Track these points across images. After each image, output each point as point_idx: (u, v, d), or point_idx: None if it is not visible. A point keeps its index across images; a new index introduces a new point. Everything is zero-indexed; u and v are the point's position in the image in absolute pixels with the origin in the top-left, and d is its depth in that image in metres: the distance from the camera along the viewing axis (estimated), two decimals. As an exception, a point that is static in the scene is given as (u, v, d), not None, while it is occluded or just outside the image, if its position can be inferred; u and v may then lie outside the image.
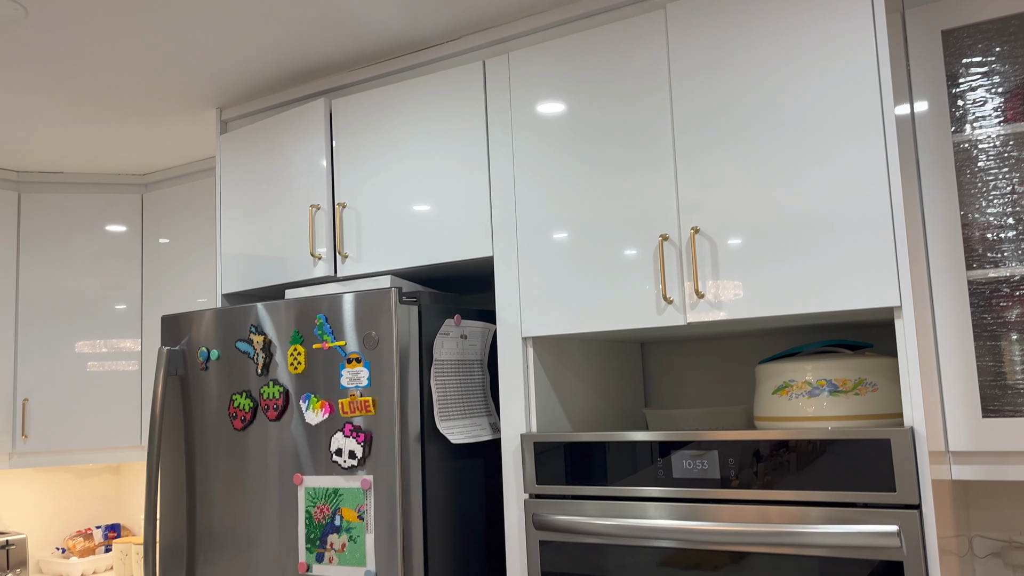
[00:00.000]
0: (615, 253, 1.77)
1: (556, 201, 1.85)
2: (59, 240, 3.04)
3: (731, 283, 1.64)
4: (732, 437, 1.59)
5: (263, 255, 2.30)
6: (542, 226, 1.87)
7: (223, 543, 1.97)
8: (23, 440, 2.92)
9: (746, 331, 2.00)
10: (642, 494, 1.67)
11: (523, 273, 1.88)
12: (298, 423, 1.88)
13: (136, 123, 2.59)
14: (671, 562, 1.61)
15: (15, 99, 2.35)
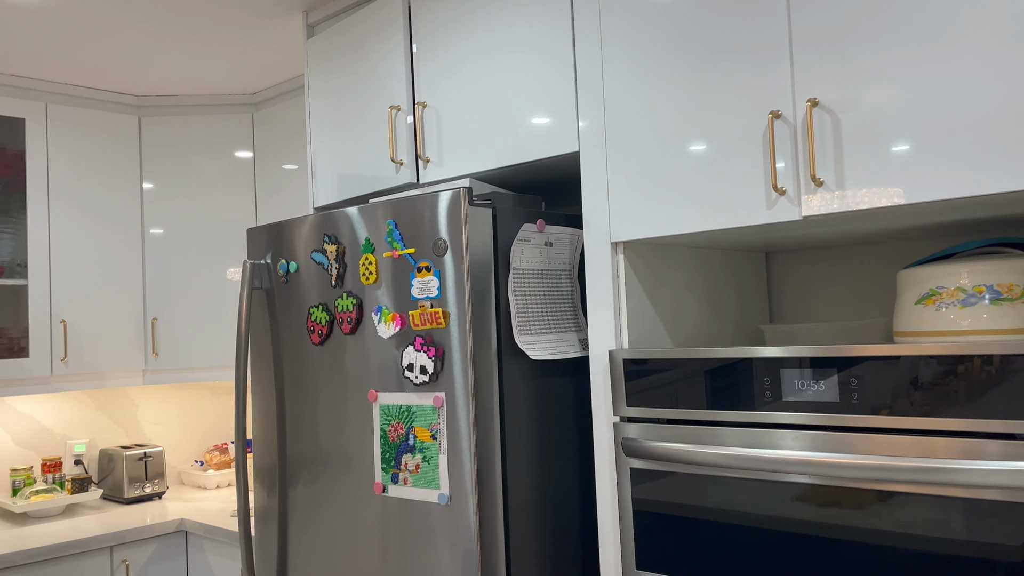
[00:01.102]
0: (715, 140, 1.49)
1: (648, 85, 1.58)
2: (178, 162, 3.09)
3: (855, 166, 1.33)
4: (868, 353, 1.30)
5: (349, 164, 2.19)
6: (632, 114, 1.61)
7: (310, 463, 1.92)
8: (154, 358, 3.04)
9: (887, 232, 1.66)
10: (756, 419, 1.42)
11: (612, 169, 1.64)
12: (372, 337, 1.77)
13: (233, 36, 2.53)
14: (803, 498, 1.35)
15: (129, 23, 2.33)
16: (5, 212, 2.80)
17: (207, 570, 2.69)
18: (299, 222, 1.94)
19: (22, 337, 2.81)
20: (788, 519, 1.37)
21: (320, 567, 1.88)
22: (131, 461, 3.02)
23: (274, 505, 2.02)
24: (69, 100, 2.91)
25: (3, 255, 2.80)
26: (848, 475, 1.27)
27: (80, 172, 2.91)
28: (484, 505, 1.60)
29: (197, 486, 3.29)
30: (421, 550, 1.67)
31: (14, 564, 2.38)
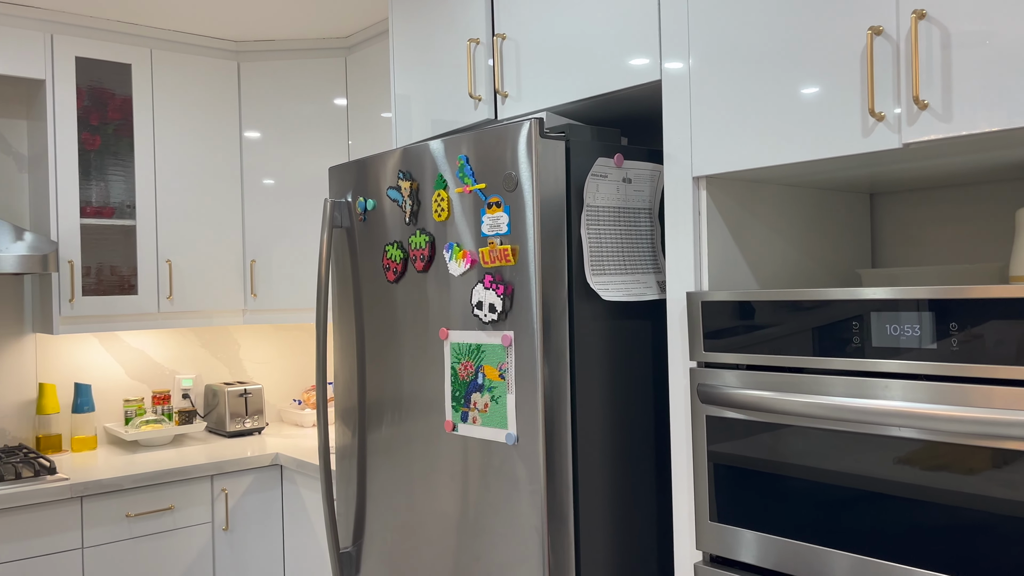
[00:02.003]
0: (807, 62, 1.36)
1: (735, 5, 1.46)
2: (274, 107, 3.14)
3: (965, 85, 1.17)
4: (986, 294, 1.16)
5: (431, 104, 2.15)
6: (718, 39, 1.49)
7: (388, 402, 1.93)
8: (252, 298, 3.14)
9: (1004, 168, 1.48)
10: (850, 367, 1.31)
11: (695, 99, 1.53)
12: (443, 274, 1.74)
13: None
14: (900, 453, 1.24)
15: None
16: (115, 155, 2.93)
17: (299, 502, 2.79)
18: (377, 159, 1.92)
19: (132, 275, 2.96)
20: (882, 479, 1.26)
21: (396, 504, 1.90)
22: (233, 397, 3.15)
23: (354, 444, 2.05)
24: (172, 46, 2.99)
25: (115, 197, 2.94)
26: (961, 429, 1.15)
27: (183, 117, 3.01)
28: (552, 447, 1.56)
29: (294, 423, 3.41)
30: (492, 489, 1.65)
31: (123, 487, 2.53)
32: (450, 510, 1.76)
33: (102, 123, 2.89)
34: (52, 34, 2.74)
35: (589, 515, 1.61)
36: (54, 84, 2.74)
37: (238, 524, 2.78)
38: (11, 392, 2.92)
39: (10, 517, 2.36)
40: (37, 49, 2.71)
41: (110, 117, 2.91)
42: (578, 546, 1.59)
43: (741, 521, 1.45)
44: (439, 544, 1.78)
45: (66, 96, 2.76)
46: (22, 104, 2.97)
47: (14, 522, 2.37)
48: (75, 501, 2.47)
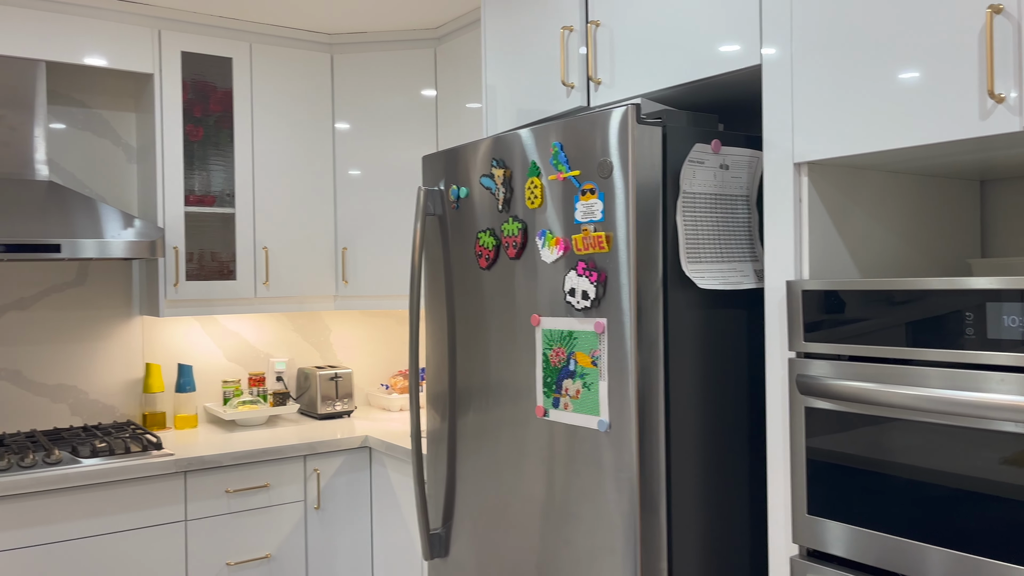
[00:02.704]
0: (920, 43, 1.30)
1: (843, -19, 1.41)
2: (365, 98, 3.21)
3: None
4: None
5: (522, 92, 2.16)
6: (821, 19, 1.45)
7: (478, 387, 1.95)
8: (344, 285, 3.23)
9: None
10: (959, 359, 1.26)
11: (797, 83, 1.49)
12: (536, 261, 1.75)
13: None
14: (1018, 457, 1.19)
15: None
16: (216, 146, 3.05)
17: (387, 484, 2.86)
18: (470, 148, 1.94)
19: (231, 261, 3.08)
20: (987, 478, 1.21)
21: (485, 488, 1.93)
22: (324, 380, 3.25)
23: (445, 428, 2.09)
24: (270, 40, 3.09)
25: (215, 185, 3.06)
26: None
27: (279, 109, 3.10)
28: (645, 434, 1.55)
29: (381, 407, 3.49)
30: (581, 475, 1.66)
31: (223, 464, 2.65)
32: (538, 495, 1.77)
33: (204, 115, 3.01)
34: (160, 30, 2.87)
35: (681, 505, 1.60)
36: (161, 78, 2.87)
37: (329, 503, 2.87)
38: (120, 371, 3.09)
39: (119, 489, 2.50)
40: (146, 45, 2.84)
41: (212, 109, 3.03)
42: (670, 536, 1.58)
43: (838, 515, 1.42)
44: (527, 528, 1.80)
45: (172, 89, 2.88)
46: (131, 97, 3.12)
47: (123, 494, 2.50)
48: (179, 476, 2.60)
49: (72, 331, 2.99)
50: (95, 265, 3.04)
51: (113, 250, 2.57)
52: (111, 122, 3.08)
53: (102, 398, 3.05)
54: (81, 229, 2.54)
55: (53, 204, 2.59)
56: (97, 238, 2.54)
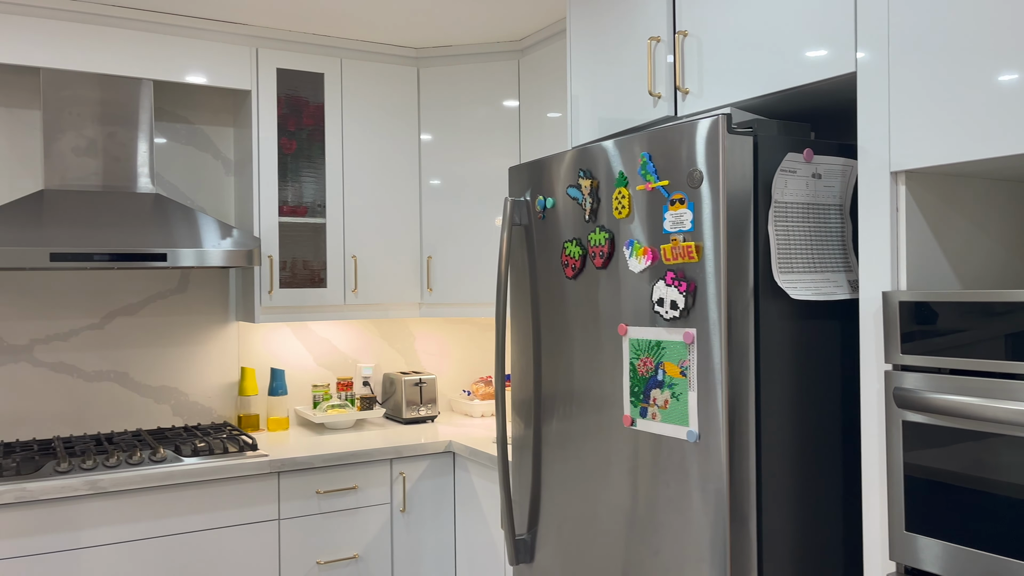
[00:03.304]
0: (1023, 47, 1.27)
1: (944, -15, 1.38)
2: (450, 111, 3.28)
3: None
4: None
5: (608, 103, 2.17)
6: (920, 25, 1.42)
7: (563, 395, 1.98)
8: (429, 293, 3.30)
9: None
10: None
11: (894, 90, 1.46)
12: (623, 271, 1.76)
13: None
14: None
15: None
16: (308, 159, 3.17)
17: (471, 488, 2.90)
18: (556, 159, 1.97)
19: (321, 269, 3.19)
20: (1101, 492, 1.16)
21: (571, 495, 1.95)
22: (409, 386, 3.33)
23: (530, 435, 2.12)
24: (360, 55, 3.19)
25: (307, 196, 3.18)
26: None
27: (368, 121, 3.20)
28: (735, 445, 1.54)
29: (464, 413, 3.55)
30: (669, 485, 1.66)
31: (314, 466, 2.74)
32: (625, 504, 1.78)
33: (298, 129, 3.14)
34: (257, 48, 3.00)
35: (772, 517, 1.58)
36: (258, 94, 3.00)
37: (414, 506, 2.93)
38: (217, 375, 3.23)
39: (217, 487, 2.61)
40: (244, 62, 2.98)
41: (304, 123, 3.15)
42: (760, 548, 1.57)
43: (937, 532, 1.38)
44: (613, 536, 1.81)
45: (268, 105, 3.01)
46: (230, 113, 3.27)
47: (220, 492, 2.62)
48: (273, 476, 2.70)
49: (174, 336, 3.15)
50: (196, 273, 3.19)
51: (213, 259, 2.70)
52: (211, 136, 3.23)
53: (201, 400, 3.20)
54: (184, 239, 2.68)
55: (159, 215, 2.73)
56: (199, 248, 2.67)
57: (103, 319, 3.03)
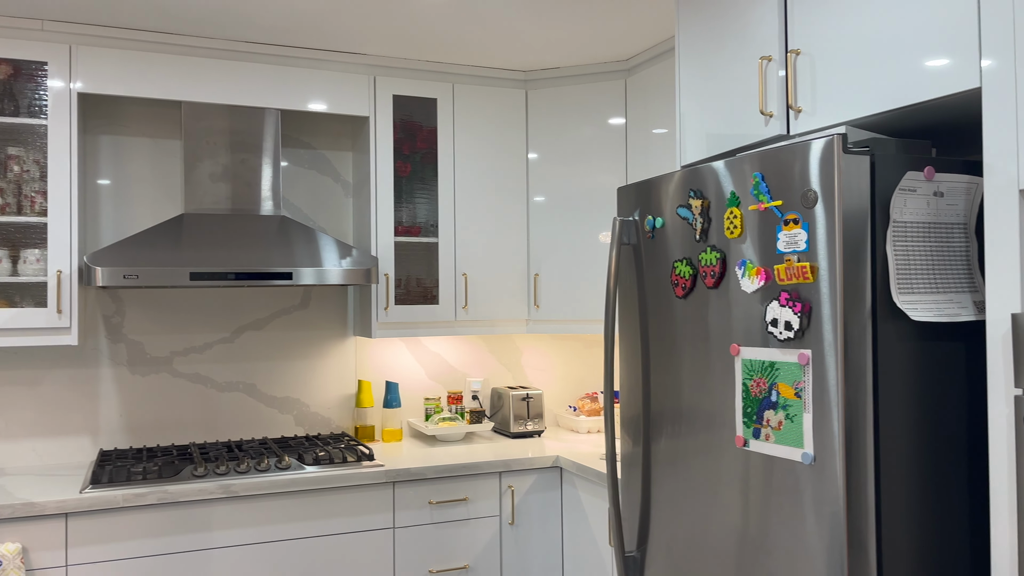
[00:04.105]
0: None
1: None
2: (556, 131, 3.34)
3: None
4: None
5: (717, 121, 2.18)
6: (1053, 35, 1.37)
7: (672, 414, 1.99)
8: (536, 309, 3.36)
9: None
10: None
11: (1022, 101, 1.42)
12: (735, 291, 1.76)
13: (608, 4, 2.65)
14: None
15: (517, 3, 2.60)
16: (422, 180, 3.30)
17: (578, 504, 2.93)
18: (665, 179, 1.99)
19: (434, 287, 3.30)
20: None
21: (680, 514, 1.95)
22: (516, 400, 3.39)
23: (638, 453, 2.13)
24: (471, 79, 3.30)
25: (420, 217, 3.31)
26: None
27: (477, 143, 3.30)
28: (852, 469, 1.52)
29: (570, 429, 3.58)
30: (782, 507, 1.65)
31: (427, 477, 2.83)
32: (736, 524, 1.77)
33: (412, 152, 3.27)
34: (375, 76, 3.15)
35: (892, 544, 1.54)
36: (376, 120, 3.15)
37: (522, 519, 2.99)
38: (336, 387, 3.39)
39: (335, 495, 2.74)
40: (363, 90, 3.13)
41: (418, 147, 3.28)
42: (880, 574, 1.53)
43: (1076, 568, 1.31)
44: (724, 557, 1.80)
45: (384, 130, 3.15)
46: (348, 138, 3.44)
47: (338, 499, 2.75)
48: (388, 486, 2.81)
49: (297, 349, 3.33)
50: (317, 290, 3.37)
51: (335, 278, 2.84)
52: (331, 161, 3.41)
53: (321, 411, 3.36)
54: (308, 259, 2.84)
55: (285, 236, 2.91)
56: (322, 267, 2.83)
57: (233, 333, 3.23)
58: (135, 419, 3.09)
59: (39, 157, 2.75)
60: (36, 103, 2.74)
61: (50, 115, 2.70)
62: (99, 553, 2.47)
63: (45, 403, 2.97)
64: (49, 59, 2.71)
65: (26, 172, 2.74)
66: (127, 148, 3.11)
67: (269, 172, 3.01)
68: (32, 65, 2.73)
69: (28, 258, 2.70)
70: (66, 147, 2.72)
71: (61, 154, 2.71)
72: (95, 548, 2.47)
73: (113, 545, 2.49)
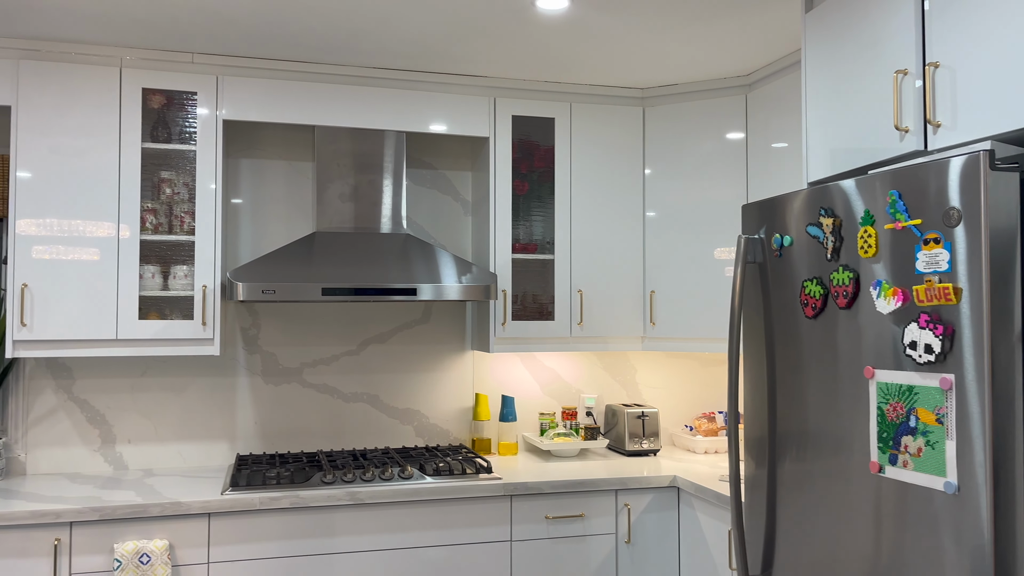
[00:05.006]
0: None
1: None
2: (674, 147, 3.33)
3: None
4: None
5: (846, 137, 2.13)
6: None
7: (799, 437, 1.94)
8: (651, 327, 3.35)
9: None
10: None
11: None
12: (869, 311, 1.71)
13: (730, 19, 2.64)
14: None
15: (636, 21, 2.62)
16: (538, 198, 3.35)
17: (696, 526, 2.89)
18: (793, 196, 1.96)
19: (549, 303, 3.34)
20: None
21: (807, 539, 1.90)
22: (631, 418, 3.38)
23: (763, 475, 2.09)
24: (587, 98, 3.34)
25: (536, 234, 3.36)
26: None
27: (595, 161, 3.33)
28: (1000, 500, 1.45)
29: (686, 448, 3.54)
30: (920, 537, 1.58)
31: (543, 491, 2.87)
32: (868, 552, 1.71)
33: (529, 171, 3.33)
34: (495, 98, 3.23)
35: (1045, 581, 1.46)
36: (495, 140, 3.23)
37: (639, 538, 2.97)
38: (453, 399, 3.47)
39: (454, 506, 2.81)
40: (483, 112, 3.22)
41: (536, 165, 3.34)
42: (1031, 614, 1.45)
43: None
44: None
45: (503, 150, 3.23)
46: (468, 158, 3.54)
47: (457, 510, 2.81)
48: (505, 499, 2.86)
49: (418, 362, 3.43)
50: (437, 305, 3.47)
51: (457, 294, 2.92)
52: (452, 180, 3.52)
53: (440, 423, 3.46)
54: (431, 275, 2.93)
55: (409, 254, 3.02)
56: (444, 283, 2.92)
57: (359, 346, 3.37)
58: (268, 426, 3.26)
59: (188, 180, 2.97)
60: (186, 130, 2.96)
61: (199, 141, 2.91)
62: (236, 552, 2.63)
63: (189, 409, 3.19)
64: (198, 89, 2.92)
65: (176, 194, 2.96)
66: (263, 170, 3.30)
67: (394, 192, 3.14)
68: (183, 95, 2.95)
69: (177, 274, 2.91)
70: (212, 170, 2.92)
71: (207, 177, 2.91)
72: (233, 547, 2.63)
73: (249, 545, 2.64)
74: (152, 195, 2.97)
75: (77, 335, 2.78)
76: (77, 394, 3.09)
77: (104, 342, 2.81)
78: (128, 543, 2.52)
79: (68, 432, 3.07)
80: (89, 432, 3.09)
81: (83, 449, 3.08)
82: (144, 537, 2.56)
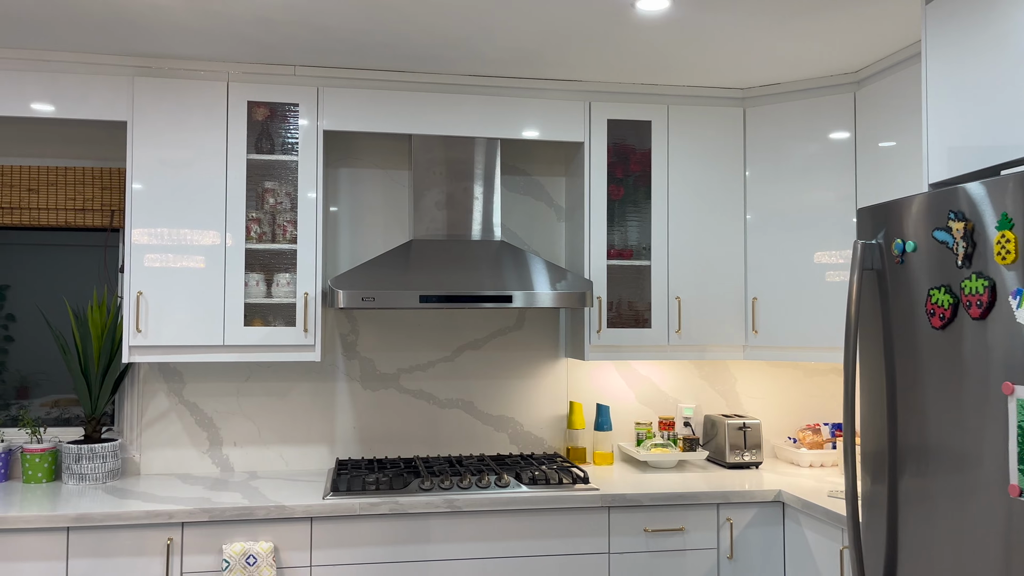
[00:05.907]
0: None
1: None
2: (776, 148, 3.21)
3: None
4: None
5: (974, 135, 1.99)
6: None
7: (921, 454, 1.82)
8: (754, 335, 3.23)
9: None
10: None
11: None
12: (1007, 322, 1.59)
13: (838, 14, 2.52)
14: None
15: (738, 18, 2.54)
16: (634, 203, 3.29)
17: (803, 543, 2.77)
18: (915, 199, 1.85)
19: (645, 310, 3.27)
20: None
21: (932, 564, 1.78)
22: (732, 429, 3.27)
23: (881, 493, 1.98)
24: (685, 100, 3.26)
25: (632, 240, 3.29)
26: None
27: (693, 164, 3.24)
28: None
29: (789, 461, 3.40)
30: (1070, 570, 1.46)
31: (642, 504, 2.80)
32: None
33: (624, 175, 3.27)
34: (590, 102, 3.19)
35: None
36: (590, 145, 3.18)
37: (741, 554, 2.87)
38: (547, 407, 3.44)
39: (551, 516, 2.77)
40: (578, 116, 3.18)
41: (632, 170, 3.27)
42: None
43: None
44: (994, 618, 1.62)
45: (598, 154, 3.18)
46: (561, 164, 3.50)
47: (553, 520, 2.77)
48: (603, 510, 2.80)
49: (512, 369, 3.42)
50: (531, 312, 3.45)
51: (552, 301, 2.89)
52: (545, 186, 3.49)
53: (534, 430, 3.43)
54: (525, 282, 2.91)
55: (503, 261, 3.00)
56: (539, 290, 2.89)
57: (454, 352, 3.38)
58: (366, 431, 3.30)
59: (290, 190, 3.03)
60: (288, 141, 3.03)
61: (300, 151, 2.98)
62: (337, 556, 2.66)
63: (291, 414, 3.26)
64: (300, 101, 2.99)
65: (279, 204, 3.03)
66: (361, 179, 3.35)
67: (490, 199, 3.13)
68: (285, 107, 3.03)
69: (280, 281, 2.98)
70: (313, 180, 2.98)
71: (309, 186, 2.97)
72: (334, 551, 2.66)
73: (349, 549, 2.67)
74: (256, 205, 3.06)
75: (187, 341, 2.87)
76: (187, 397, 3.20)
77: (212, 348, 2.90)
78: (236, 544, 2.58)
79: (179, 434, 3.18)
80: (198, 434, 3.20)
81: (192, 451, 3.19)
82: (250, 539, 2.62)
